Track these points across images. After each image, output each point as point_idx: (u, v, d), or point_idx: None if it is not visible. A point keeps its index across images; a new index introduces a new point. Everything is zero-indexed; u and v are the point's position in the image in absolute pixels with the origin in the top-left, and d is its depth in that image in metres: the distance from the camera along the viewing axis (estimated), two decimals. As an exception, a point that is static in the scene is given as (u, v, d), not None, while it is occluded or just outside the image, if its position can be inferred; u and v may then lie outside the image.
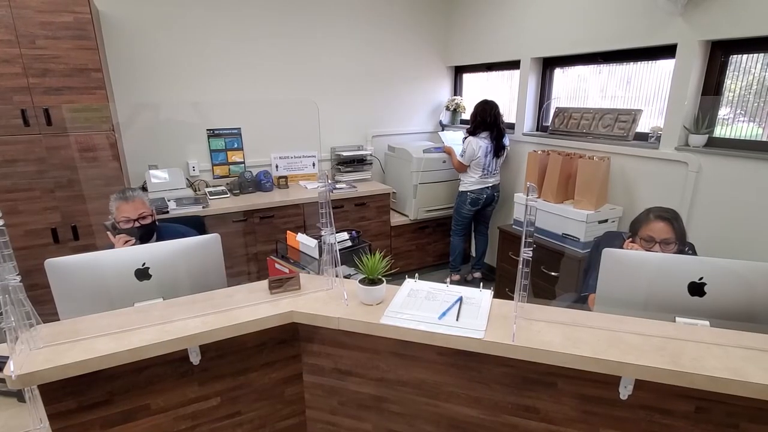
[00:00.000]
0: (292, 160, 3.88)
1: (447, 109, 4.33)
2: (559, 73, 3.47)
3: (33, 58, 2.51)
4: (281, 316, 1.36)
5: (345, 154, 3.89)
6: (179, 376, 1.35)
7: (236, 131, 3.65)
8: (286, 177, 3.78)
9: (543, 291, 3.01)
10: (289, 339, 1.48)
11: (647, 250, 1.76)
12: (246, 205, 3.31)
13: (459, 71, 4.42)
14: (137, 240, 1.95)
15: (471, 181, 3.50)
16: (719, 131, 2.51)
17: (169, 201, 3.14)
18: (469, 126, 3.52)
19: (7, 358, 1.42)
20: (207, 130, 3.56)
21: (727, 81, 2.44)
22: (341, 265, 1.46)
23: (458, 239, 3.75)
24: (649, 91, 2.87)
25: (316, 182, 3.87)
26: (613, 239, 2.22)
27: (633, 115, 2.85)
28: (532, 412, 1.32)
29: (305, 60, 3.79)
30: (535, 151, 3.16)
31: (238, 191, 3.53)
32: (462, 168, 3.51)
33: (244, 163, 3.73)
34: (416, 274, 1.53)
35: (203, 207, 3.16)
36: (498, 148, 3.44)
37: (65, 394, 1.21)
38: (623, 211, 2.88)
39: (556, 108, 3.37)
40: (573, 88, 3.40)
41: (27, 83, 2.52)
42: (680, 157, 2.54)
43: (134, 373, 1.28)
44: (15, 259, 1.10)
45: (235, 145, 3.68)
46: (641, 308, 1.40)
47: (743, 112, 2.43)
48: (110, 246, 1.97)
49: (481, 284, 1.51)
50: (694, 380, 1.07)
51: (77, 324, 1.30)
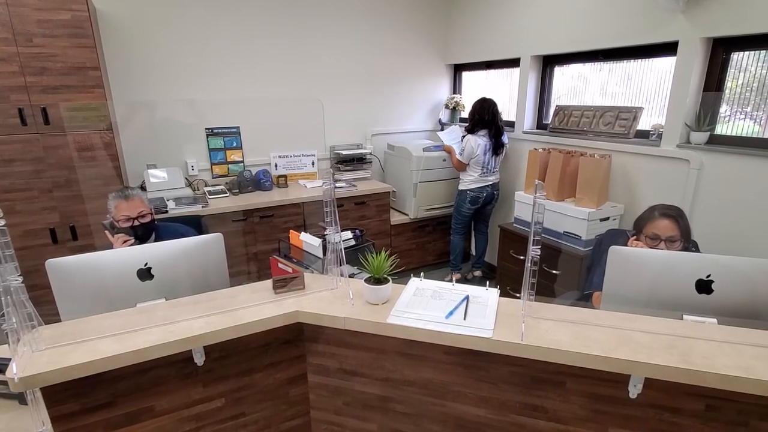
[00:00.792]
0: (291, 159, 3.86)
1: (446, 107, 4.32)
2: (559, 71, 3.46)
3: (30, 57, 2.48)
4: (286, 316, 1.34)
5: (345, 152, 3.88)
6: (183, 378, 1.33)
7: (235, 130, 3.63)
8: (285, 176, 3.76)
9: (544, 289, 3.01)
10: (293, 339, 1.46)
11: (652, 248, 1.75)
12: (245, 204, 3.29)
13: (458, 69, 4.41)
14: (136, 239, 1.93)
15: (471, 180, 3.49)
16: (720, 129, 2.51)
17: (168, 200, 3.12)
18: (467, 124, 3.51)
19: (8, 360, 1.41)
20: (206, 129, 3.54)
21: (729, 78, 2.44)
22: (345, 264, 1.45)
23: (458, 238, 3.75)
24: (650, 89, 2.87)
25: (315, 181, 3.85)
26: (617, 237, 2.21)
27: (634, 112, 2.85)
28: (540, 412, 1.31)
29: (304, 59, 3.77)
30: (535, 149, 3.15)
31: (237, 190, 3.51)
32: (461, 166, 3.50)
33: (243, 162, 3.71)
34: (422, 273, 1.52)
35: (203, 206, 3.13)
36: (497, 146, 3.44)
37: (68, 397, 1.19)
38: (624, 208, 2.88)
39: (556, 106, 3.36)
40: (573, 86, 3.39)
41: (24, 82, 2.49)
42: (682, 155, 2.54)
43: (138, 375, 1.26)
44: (16, 260, 1.08)
45: (234, 144, 3.65)
46: (648, 306, 1.40)
47: (740, 110, 2.43)
48: (109, 245, 1.95)
49: (487, 283, 1.50)
50: (705, 378, 1.06)
51: (79, 325, 1.28)
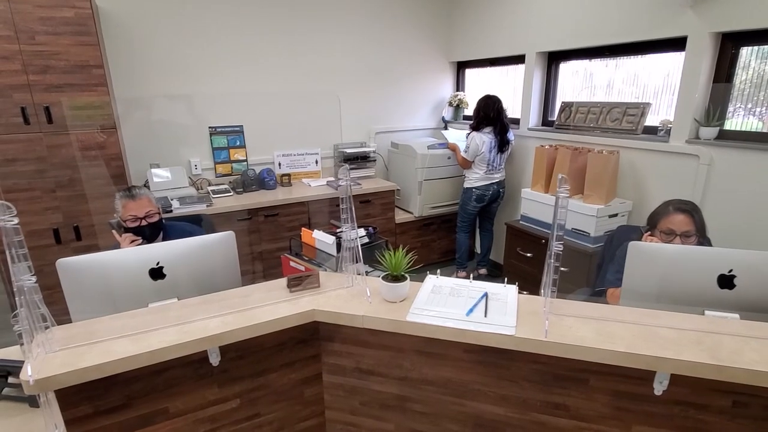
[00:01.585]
0: (295, 157, 3.83)
1: (450, 105, 4.30)
2: (564, 67, 3.44)
3: (33, 55, 2.44)
4: (302, 315, 1.32)
5: (348, 151, 3.85)
6: (198, 378, 1.30)
7: (238, 128, 3.60)
8: (289, 175, 3.74)
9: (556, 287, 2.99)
10: (308, 338, 1.44)
11: (666, 243, 1.74)
12: (250, 203, 3.26)
13: (461, 67, 4.39)
14: (144, 239, 1.90)
15: (476, 178, 3.47)
16: (730, 124, 2.49)
17: (172, 200, 3.08)
18: (472, 122, 3.49)
19: (17, 362, 1.38)
20: (209, 127, 3.51)
21: (737, 73, 2.43)
22: (361, 261, 1.42)
23: (464, 236, 3.72)
24: (658, 85, 2.85)
25: (319, 180, 3.83)
26: (629, 233, 2.19)
27: (642, 108, 2.83)
28: (562, 410, 1.29)
29: (305, 57, 3.74)
30: (542, 145, 3.13)
31: (241, 189, 3.48)
32: (466, 164, 3.48)
33: (246, 161, 3.68)
34: (438, 271, 1.50)
35: (207, 206, 3.11)
36: (502, 144, 3.41)
37: (81, 399, 1.17)
38: (633, 205, 2.86)
39: (562, 102, 3.34)
40: (579, 82, 3.38)
41: (27, 80, 2.45)
42: (691, 150, 2.53)
43: (153, 376, 1.23)
44: (30, 259, 1.05)
45: (238, 143, 3.62)
46: (669, 302, 1.38)
47: (746, 105, 2.42)
48: (115, 245, 1.92)
49: (505, 280, 1.48)
50: (734, 374, 1.04)
51: (92, 326, 1.25)
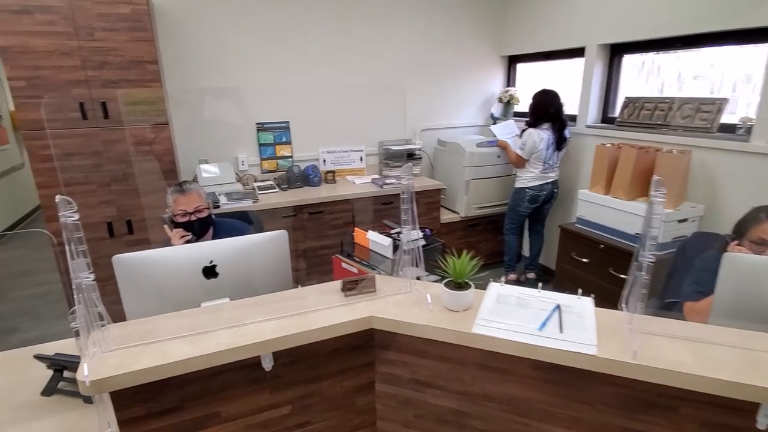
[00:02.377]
0: (339, 154, 3.78)
1: (500, 101, 4.13)
2: (628, 60, 3.22)
3: (91, 51, 2.49)
4: (359, 322, 1.25)
5: (394, 148, 3.77)
6: (251, 383, 1.25)
7: (285, 124, 3.59)
8: (333, 172, 3.70)
9: (610, 293, 2.80)
10: (363, 345, 1.36)
11: (757, 254, 1.55)
12: (295, 200, 3.24)
13: (513, 61, 4.20)
14: (193, 235, 1.89)
15: (530, 177, 3.30)
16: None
17: (219, 195, 3.10)
18: (528, 118, 3.32)
19: (72, 357, 1.38)
20: (256, 123, 3.51)
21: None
22: (422, 265, 1.33)
23: (513, 238, 3.56)
24: (736, 79, 2.60)
25: (363, 177, 3.77)
26: (706, 241, 2.00)
27: (718, 104, 2.59)
28: (645, 439, 1.15)
29: (351, 52, 3.68)
30: (603, 144, 2.94)
31: (286, 186, 3.46)
32: (521, 163, 3.32)
33: (291, 157, 3.66)
34: (502, 278, 1.39)
35: (253, 202, 3.11)
36: (560, 141, 3.24)
37: (135, 400, 1.14)
38: (705, 209, 2.63)
39: (626, 98, 3.12)
40: (644, 76, 3.15)
41: (85, 76, 2.51)
42: (777, 151, 2.28)
43: (207, 379, 1.19)
44: (89, 256, 1.02)
45: (284, 139, 3.61)
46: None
47: None
48: (165, 240, 1.92)
49: (579, 291, 1.34)
50: None
51: (146, 325, 1.22)
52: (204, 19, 3.20)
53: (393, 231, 1.64)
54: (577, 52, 3.41)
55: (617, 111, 3.24)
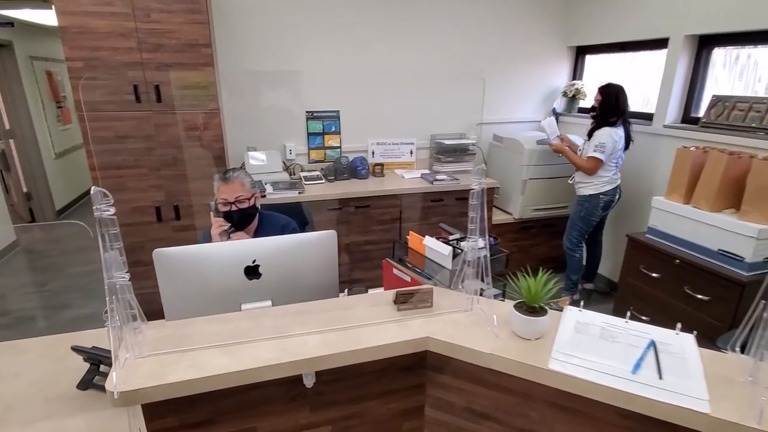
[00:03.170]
0: (389, 146, 3.63)
1: (564, 95, 3.83)
2: (718, 53, 2.86)
3: (147, 33, 2.46)
4: (414, 343, 1.10)
5: (447, 142, 3.57)
6: (290, 399, 1.14)
7: (335, 114, 3.47)
8: (382, 164, 3.55)
9: (682, 315, 2.51)
10: (414, 366, 1.22)
11: None
12: (341, 192, 3.13)
13: (581, 52, 3.88)
14: (231, 226, 1.80)
15: (604, 181, 2.99)
16: None
17: (266, 184, 3.04)
18: (597, 114, 2.99)
19: (108, 352, 1.32)
20: (306, 112, 3.42)
21: None
22: (489, 279, 1.17)
23: (581, 253, 3.24)
24: None
25: (413, 171, 3.60)
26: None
27: (833, 106, 2.23)
28: None
29: (408, 41, 3.49)
30: (685, 147, 2.62)
31: (332, 177, 3.36)
32: (597, 167, 2.95)
33: (340, 147, 3.55)
34: (581, 302, 1.19)
35: (299, 192, 3.02)
36: (627, 140, 2.95)
37: (168, 411, 1.05)
38: (807, 227, 2.28)
39: (714, 96, 2.78)
40: (737, 71, 2.78)
41: (140, 58, 2.48)
42: None
43: (242, 393, 1.08)
44: (125, 254, 0.93)
45: (333, 129, 3.50)
46: None
47: None
48: (209, 227, 1.85)
49: (678, 326, 1.13)
50: None
51: (184, 328, 1.13)
52: (258, 2, 3.11)
53: (452, 237, 1.47)
54: (658, 44, 3.08)
55: (702, 111, 2.89)
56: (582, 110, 3.80)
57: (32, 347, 1.51)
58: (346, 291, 1.59)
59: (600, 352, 1.02)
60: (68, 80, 2.45)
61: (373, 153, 3.61)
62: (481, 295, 1.27)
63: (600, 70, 3.77)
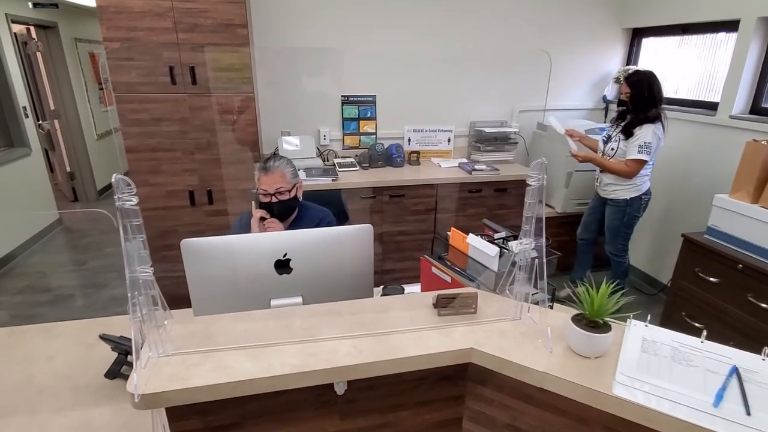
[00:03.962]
0: (426, 134, 3.50)
1: (616, 81, 3.57)
2: (799, 36, 2.56)
3: (183, 12, 2.41)
4: (456, 355, 1.00)
5: (487, 130, 3.40)
6: (319, 406, 1.06)
7: (371, 99, 3.36)
8: (418, 152, 3.43)
9: (744, 324, 2.30)
10: (453, 376, 1.11)
11: None
12: (376, 180, 3.03)
13: (638, 35, 3.59)
14: (271, 217, 1.74)
15: (644, 180, 2.74)
16: None
17: (299, 170, 2.96)
18: (636, 106, 2.63)
19: (130, 341, 1.28)
20: (341, 96, 3.32)
21: None
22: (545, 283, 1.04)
23: (627, 257, 2.97)
24: None
25: (450, 160, 3.46)
26: None
27: None
28: None
29: (447, 22, 3.32)
30: (755, 140, 2.37)
31: (367, 164, 3.26)
32: (639, 170, 2.65)
33: (375, 134, 3.44)
34: (648, 316, 1.06)
35: (333, 179, 2.94)
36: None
37: (192, 413, 0.99)
38: None
39: (791, 84, 2.50)
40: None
41: (176, 38, 2.44)
42: None
43: (270, 397, 1.01)
44: (158, 238, 0.86)
45: (369, 114, 3.39)
46: None
47: None
48: (244, 213, 1.81)
49: (765, 351, 0.97)
50: None
51: (210, 325, 1.07)
52: (296, -18, 3.02)
53: (497, 236, 1.35)
54: (727, 26, 2.80)
55: (776, 100, 2.62)
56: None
57: (65, 331, 1.50)
58: (380, 289, 1.50)
59: (673, 377, 0.89)
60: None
61: (409, 140, 3.49)
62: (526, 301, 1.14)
63: (658, 55, 3.49)
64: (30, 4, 4.29)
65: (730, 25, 2.76)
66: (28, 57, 4.69)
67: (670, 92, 3.37)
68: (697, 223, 2.79)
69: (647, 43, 3.55)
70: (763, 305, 2.21)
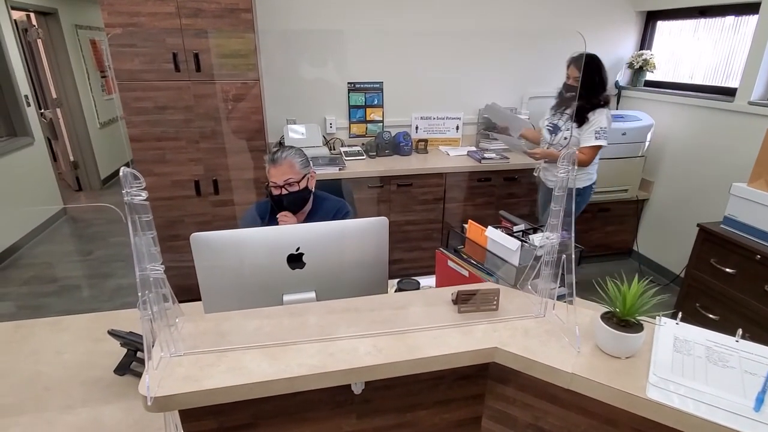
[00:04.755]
0: (434, 121, 3.43)
1: (630, 66, 3.48)
2: (823, 18, 2.47)
3: (186, -3, 2.34)
4: (479, 354, 0.96)
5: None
6: (336, 406, 1.03)
7: (378, 86, 3.28)
8: (426, 140, 3.37)
9: (760, 317, 2.26)
10: (473, 375, 1.08)
11: None
12: (383, 169, 2.97)
13: (653, 18, 3.49)
14: (281, 210, 1.70)
15: (596, 169, 2.65)
16: None
17: (305, 159, 2.92)
18: (579, 93, 2.49)
19: (139, 337, 1.25)
20: (348, 83, 3.24)
21: None
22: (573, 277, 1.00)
23: None
24: None
25: (458, 148, 3.40)
26: None
27: None
28: None
29: (456, 6, 3.22)
30: (777, 127, 2.30)
31: (374, 153, 3.21)
32: (594, 156, 2.55)
33: (382, 122, 3.38)
34: (679, 314, 1.01)
35: (340, 169, 2.89)
36: None
37: (206, 413, 0.96)
38: None
39: (815, 69, 2.42)
40: None
41: (180, 24, 2.37)
42: None
43: (285, 397, 0.98)
44: (164, 246, 0.82)
45: (375, 102, 3.32)
46: None
47: None
48: (257, 203, 1.76)
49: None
50: None
51: (223, 323, 1.03)
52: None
53: (516, 228, 1.30)
54: (747, 8, 2.70)
55: (797, 85, 2.53)
56: (648, 83, 3.45)
57: (72, 325, 1.48)
58: (394, 282, 1.46)
59: (709, 379, 0.84)
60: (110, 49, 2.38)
61: (416, 128, 3.42)
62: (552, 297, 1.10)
63: (673, 38, 3.39)
64: (29, -10, 4.21)
65: (750, 8, 2.66)
66: (28, 44, 4.62)
67: (685, 78, 3.28)
68: (711, 213, 2.73)
69: (662, 27, 3.45)
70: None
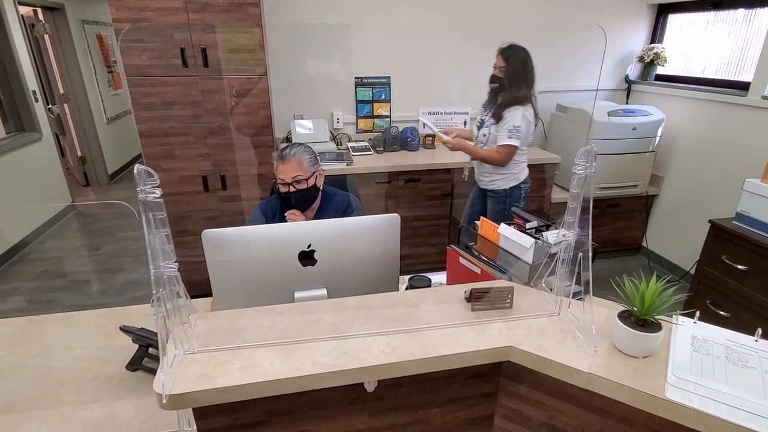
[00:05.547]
0: (441, 116, 3.41)
1: (640, 60, 3.44)
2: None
3: (194, -9, 2.33)
4: (494, 353, 0.95)
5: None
6: (348, 403, 1.03)
7: (385, 80, 3.26)
8: (433, 136, 3.34)
9: (771, 314, 2.23)
10: (486, 373, 1.07)
11: None
12: (390, 165, 2.96)
13: (664, 10, 3.44)
14: (288, 207, 1.69)
15: (521, 168, 2.53)
16: None
17: (313, 155, 2.91)
18: (502, 86, 2.39)
19: (151, 333, 1.25)
20: (355, 78, 3.23)
21: None
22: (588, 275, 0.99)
23: None
24: None
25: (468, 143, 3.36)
26: None
27: None
28: None
29: (463, 4, 3.19)
30: (792, 122, 2.27)
31: (381, 148, 3.19)
32: (512, 156, 2.41)
33: (390, 117, 3.36)
34: (697, 313, 1.00)
35: (347, 164, 2.88)
36: (535, 117, 2.46)
37: (219, 410, 0.96)
38: None
39: (831, 62, 2.37)
40: None
41: (187, 19, 2.36)
42: None
43: (298, 395, 0.98)
44: (173, 242, 0.82)
45: (383, 97, 3.30)
46: None
47: None
48: (263, 199, 1.76)
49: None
50: None
51: (236, 320, 1.03)
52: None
53: (529, 225, 1.29)
54: (758, 1, 2.65)
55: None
56: (659, 78, 3.41)
57: (84, 320, 1.48)
58: (406, 281, 1.46)
59: (729, 380, 0.83)
60: (117, 44, 2.37)
61: (423, 124, 3.39)
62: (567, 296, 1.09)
63: (685, 32, 3.34)
64: (36, -15, 4.21)
65: (764, 0, 2.62)
66: (35, 40, 4.63)
67: (697, 72, 3.24)
68: (721, 209, 2.70)
69: (673, 20, 3.40)
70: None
